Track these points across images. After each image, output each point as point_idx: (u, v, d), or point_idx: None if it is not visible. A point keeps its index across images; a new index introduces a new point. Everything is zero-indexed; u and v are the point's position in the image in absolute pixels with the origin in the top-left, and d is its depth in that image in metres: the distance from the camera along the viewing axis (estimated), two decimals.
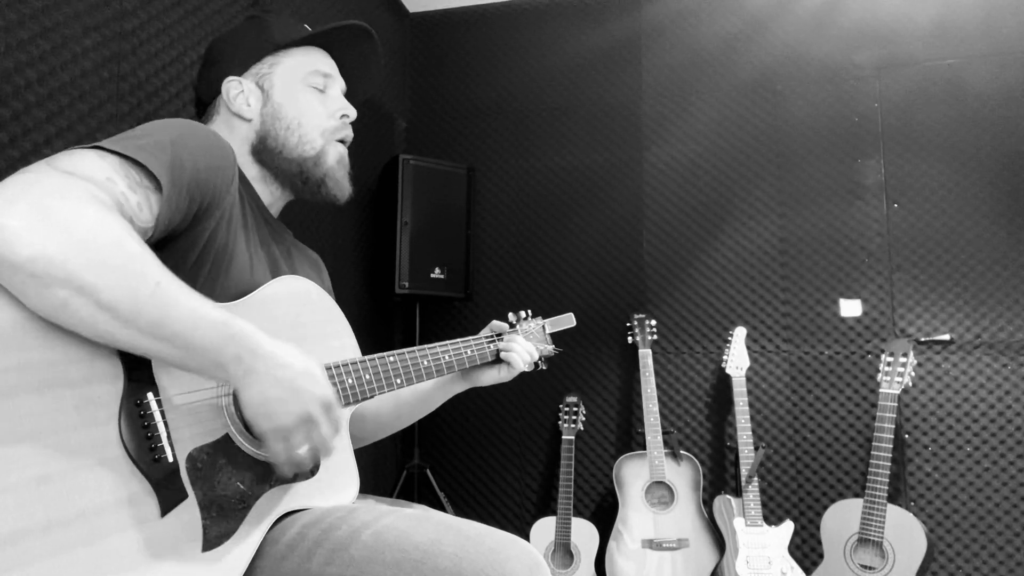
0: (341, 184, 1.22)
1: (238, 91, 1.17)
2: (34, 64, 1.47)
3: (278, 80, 1.18)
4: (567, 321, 1.52)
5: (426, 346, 1.22)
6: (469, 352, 1.30)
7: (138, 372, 0.81)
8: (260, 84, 1.18)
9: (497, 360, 1.34)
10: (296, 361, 0.87)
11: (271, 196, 1.21)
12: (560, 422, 2.75)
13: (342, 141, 1.23)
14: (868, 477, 2.29)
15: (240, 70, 1.17)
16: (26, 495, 0.69)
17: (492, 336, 1.35)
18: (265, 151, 1.17)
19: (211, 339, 0.81)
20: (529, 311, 1.48)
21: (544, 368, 1.46)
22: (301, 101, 1.18)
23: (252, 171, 1.18)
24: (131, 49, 1.74)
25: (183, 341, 0.79)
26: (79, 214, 0.74)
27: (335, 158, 1.21)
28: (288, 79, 1.18)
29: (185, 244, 0.94)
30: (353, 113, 1.24)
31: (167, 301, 0.78)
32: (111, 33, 1.67)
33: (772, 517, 2.68)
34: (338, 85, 1.25)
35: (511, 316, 1.44)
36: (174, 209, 0.89)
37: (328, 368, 1.03)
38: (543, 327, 1.49)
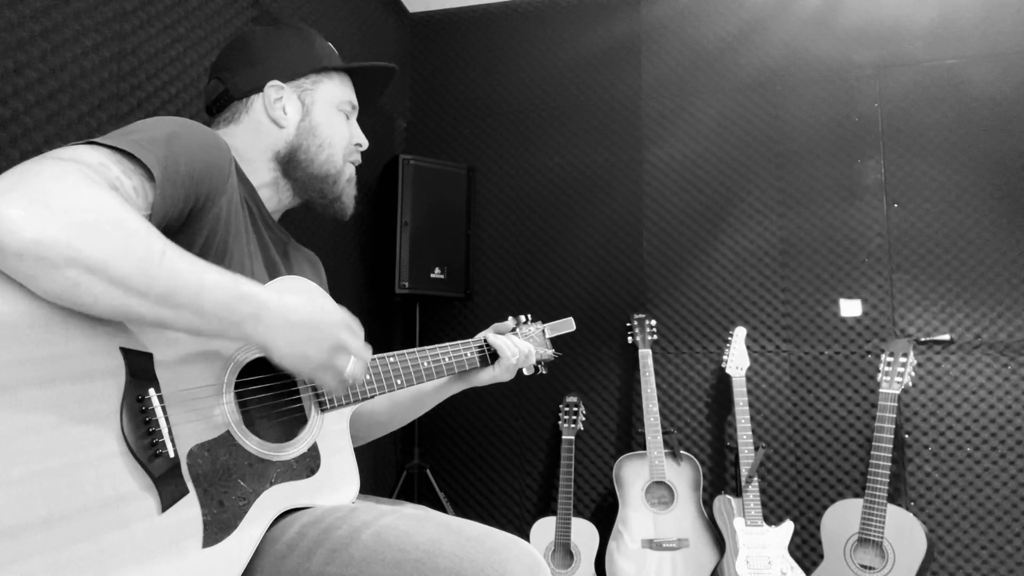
0: (350, 203, 1.29)
1: (278, 97, 1.18)
2: (34, 64, 1.47)
3: (319, 99, 1.22)
4: (567, 326, 1.53)
5: (426, 347, 1.23)
6: (469, 354, 1.31)
7: (140, 367, 0.81)
8: (301, 98, 1.21)
9: (493, 360, 1.35)
10: (304, 301, 0.93)
11: (278, 202, 1.23)
12: (560, 422, 2.75)
13: (351, 163, 1.30)
14: (868, 477, 2.29)
15: (285, 78, 1.19)
16: (27, 489, 0.69)
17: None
18: (292, 161, 1.19)
19: (224, 301, 0.83)
20: (529, 315, 1.49)
21: (544, 372, 1.47)
22: (334, 123, 1.24)
23: (265, 176, 1.19)
24: (131, 49, 1.74)
25: (197, 306, 0.81)
26: (77, 194, 0.75)
27: (347, 178, 1.27)
28: (328, 101, 1.23)
29: (181, 244, 0.94)
30: (367, 144, 1.30)
31: (176, 269, 0.79)
32: (111, 33, 1.67)
33: (772, 517, 2.68)
34: (356, 115, 1.31)
35: (511, 320, 1.45)
36: (169, 203, 0.89)
37: None
38: (543, 331, 1.50)
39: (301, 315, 0.90)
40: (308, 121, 1.20)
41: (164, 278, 0.78)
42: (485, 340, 1.36)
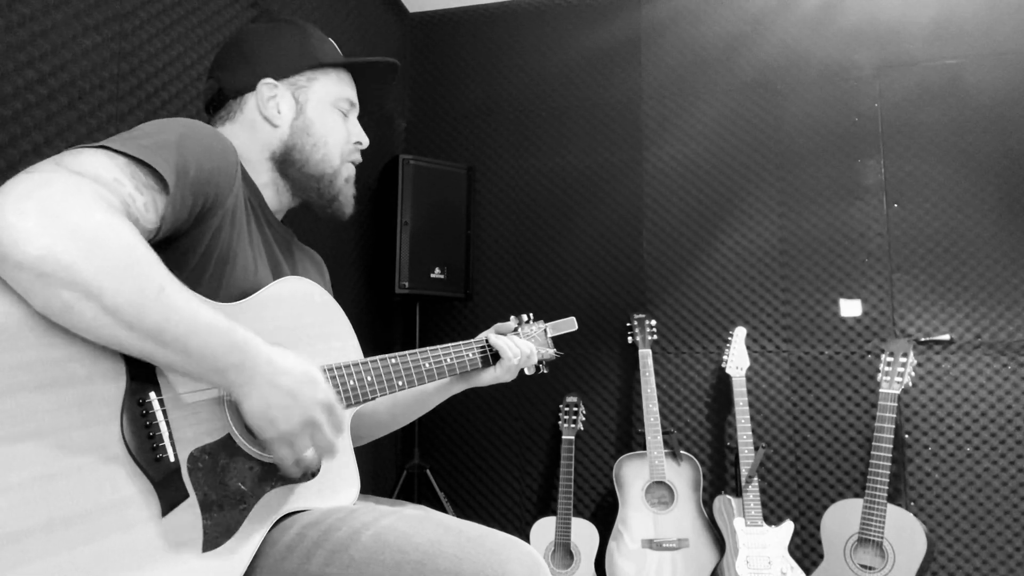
0: (349, 203, 1.27)
1: (272, 95, 1.17)
2: (34, 64, 1.47)
3: (314, 96, 1.20)
4: (568, 325, 1.53)
5: (428, 348, 1.23)
6: (471, 355, 1.31)
7: (140, 371, 0.81)
8: (296, 96, 1.19)
9: (495, 360, 1.35)
10: (296, 366, 0.90)
11: (279, 203, 1.22)
12: (560, 422, 2.75)
13: (350, 163, 1.27)
14: (868, 477, 2.29)
15: (278, 75, 1.18)
16: (28, 494, 0.69)
17: None
18: (288, 161, 1.18)
19: (212, 346, 0.82)
20: (531, 314, 1.49)
21: (545, 372, 1.47)
22: (330, 122, 1.21)
23: (264, 176, 1.18)
24: (131, 49, 1.74)
25: (183, 347, 0.80)
26: (88, 216, 0.74)
27: (345, 178, 1.25)
28: (323, 98, 1.21)
29: (188, 244, 0.94)
30: (366, 143, 1.28)
31: (171, 307, 0.78)
32: (111, 33, 1.67)
33: (772, 517, 2.68)
34: (356, 112, 1.28)
35: (513, 320, 1.44)
36: (179, 209, 0.89)
37: (330, 370, 1.04)
38: (544, 331, 1.50)
39: (287, 380, 0.88)
40: (302, 119, 1.18)
41: (157, 314, 0.77)
42: (487, 340, 1.36)
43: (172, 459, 0.82)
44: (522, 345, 1.37)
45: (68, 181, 0.76)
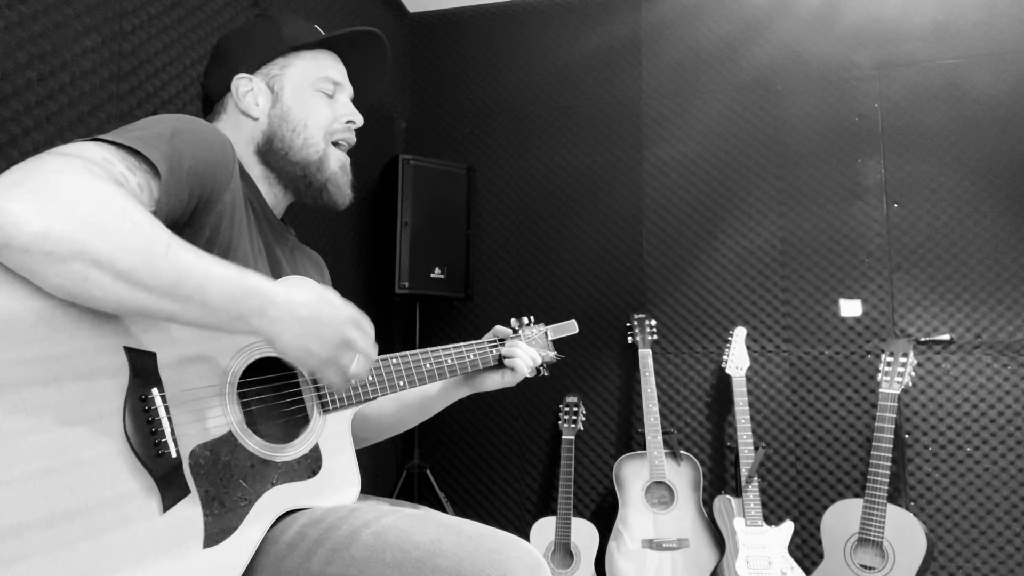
0: (343, 191, 1.23)
1: (248, 89, 1.17)
2: (34, 64, 1.47)
3: (288, 82, 1.18)
4: (569, 328, 1.53)
5: (429, 349, 1.23)
6: (472, 356, 1.31)
7: (143, 367, 0.81)
8: (270, 84, 1.18)
9: (500, 365, 1.35)
10: (310, 294, 0.91)
11: (275, 197, 1.21)
12: (560, 422, 2.75)
13: (341, 143, 1.23)
14: (868, 477, 2.29)
15: (251, 69, 1.17)
16: (30, 488, 0.69)
17: (495, 341, 1.36)
18: (270, 152, 1.17)
19: (229, 294, 0.82)
20: (532, 317, 1.49)
21: (546, 374, 1.47)
22: (309, 104, 1.19)
23: (256, 171, 1.18)
24: (131, 49, 1.74)
25: (202, 299, 0.80)
26: (81, 188, 0.75)
27: (338, 164, 1.22)
28: (299, 82, 1.19)
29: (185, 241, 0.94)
30: (360, 120, 1.24)
31: (182, 262, 0.79)
32: (111, 33, 1.67)
33: (772, 517, 2.68)
34: (347, 92, 1.25)
35: (513, 322, 1.44)
36: (173, 199, 0.89)
37: None
38: (545, 333, 1.50)
39: (308, 310, 0.89)
40: (279, 107, 1.17)
41: (170, 271, 0.77)
42: (494, 348, 1.35)
43: (174, 455, 0.82)
44: (534, 354, 1.37)
45: (58, 162, 0.77)
